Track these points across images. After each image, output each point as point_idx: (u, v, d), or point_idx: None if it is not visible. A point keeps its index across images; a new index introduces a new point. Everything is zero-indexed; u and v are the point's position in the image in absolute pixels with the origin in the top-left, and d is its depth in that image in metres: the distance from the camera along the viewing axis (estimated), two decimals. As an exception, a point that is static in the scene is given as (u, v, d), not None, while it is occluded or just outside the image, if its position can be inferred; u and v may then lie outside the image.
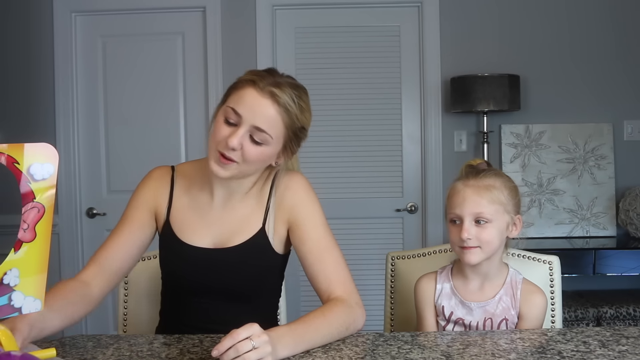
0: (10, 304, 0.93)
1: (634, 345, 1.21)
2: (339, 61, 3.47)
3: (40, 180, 0.92)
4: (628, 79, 3.45)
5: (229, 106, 1.32)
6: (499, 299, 1.42)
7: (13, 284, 0.93)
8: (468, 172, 1.42)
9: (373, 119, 3.47)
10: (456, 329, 1.43)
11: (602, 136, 3.43)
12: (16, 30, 3.49)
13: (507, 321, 1.41)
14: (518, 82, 3.27)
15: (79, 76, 3.51)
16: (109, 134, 3.52)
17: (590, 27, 3.45)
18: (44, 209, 0.93)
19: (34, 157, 0.91)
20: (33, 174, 0.91)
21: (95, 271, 1.39)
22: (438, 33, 3.44)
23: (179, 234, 1.44)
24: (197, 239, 1.43)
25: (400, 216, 3.50)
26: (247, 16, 3.46)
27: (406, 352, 1.19)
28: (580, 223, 3.41)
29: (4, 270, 0.92)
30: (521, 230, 1.43)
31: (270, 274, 1.48)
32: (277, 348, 1.12)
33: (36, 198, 0.92)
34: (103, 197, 3.53)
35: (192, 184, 1.48)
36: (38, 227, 0.93)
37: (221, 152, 1.32)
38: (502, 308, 1.41)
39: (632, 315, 3.02)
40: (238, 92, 1.33)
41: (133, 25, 3.50)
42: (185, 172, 1.50)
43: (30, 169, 0.91)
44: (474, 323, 1.42)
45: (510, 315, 1.41)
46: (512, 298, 1.42)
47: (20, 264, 0.93)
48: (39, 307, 0.96)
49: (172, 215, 1.46)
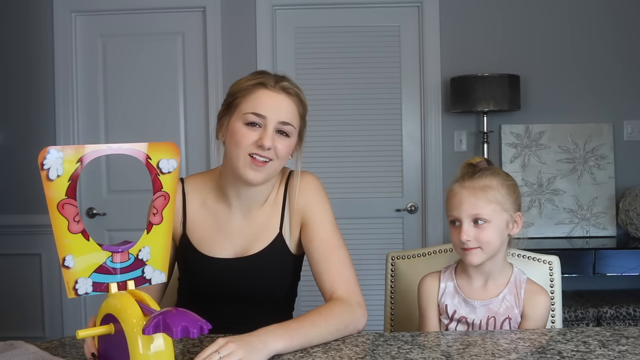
0: (143, 276, 1.09)
1: (634, 345, 1.21)
2: (339, 61, 3.47)
3: (166, 173, 1.08)
4: (628, 79, 3.45)
5: (248, 112, 1.35)
6: (502, 297, 1.42)
7: (146, 259, 1.09)
8: (464, 173, 1.43)
9: (373, 119, 3.47)
10: (459, 328, 1.43)
11: (602, 136, 3.43)
12: (16, 30, 3.49)
13: (510, 320, 1.41)
14: (518, 82, 3.27)
15: (79, 76, 3.51)
16: (109, 134, 3.52)
17: (591, 27, 3.45)
18: (169, 197, 1.08)
19: (161, 153, 1.07)
20: (161, 168, 1.07)
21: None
22: (438, 33, 3.44)
23: (199, 247, 1.45)
24: (218, 251, 1.45)
25: (400, 216, 3.50)
26: (247, 16, 3.46)
27: (406, 352, 1.19)
28: (580, 223, 3.41)
29: (139, 247, 1.08)
30: (522, 229, 1.43)
31: (289, 276, 1.50)
32: (268, 341, 1.13)
33: (163, 188, 1.08)
34: (103, 197, 3.53)
35: (206, 197, 1.48)
36: (164, 212, 1.09)
37: (253, 156, 1.34)
38: (506, 307, 1.41)
39: (632, 315, 3.02)
40: (250, 97, 1.37)
41: (133, 25, 3.50)
42: (195, 184, 1.50)
43: (159, 163, 1.07)
44: (477, 321, 1.42)
45: (513, 314, 1.41)
46: (515, 297, 1.42)
47: (151, 242, 1.09)
48: (163, 278, 1.11)
49: (189, 229, 1.46)
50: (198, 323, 0.93)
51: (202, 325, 0.94)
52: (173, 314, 0.93)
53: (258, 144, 1.34)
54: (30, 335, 3.33)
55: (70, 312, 3.50)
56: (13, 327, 3.47)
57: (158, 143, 1.07)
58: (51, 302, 3.51)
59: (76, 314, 3.50)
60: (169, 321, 0.92)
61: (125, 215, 3.43)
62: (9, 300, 3.51)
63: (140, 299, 1.04)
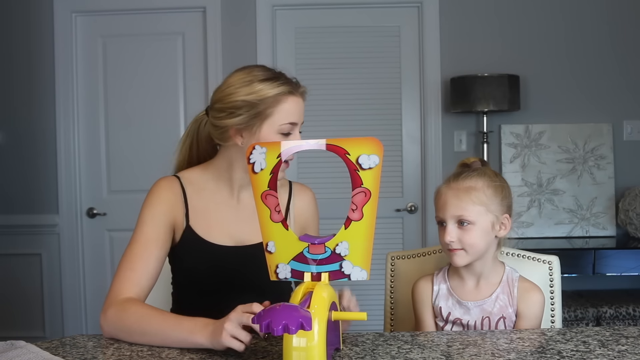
0: (341, 270, 1.11)
1: (633, 345, 1.21)
2: (339, 61, 3.48)
3: (367, 169, 1.08)
4: (627, 79, 3.45)
5: (285, 123, 1.41)
6: (495, 297, 1.42)
7: (343, 254, 1.11)
8: (451, 175, 1.43)
9: (373, 119, 3.47)
10: (454, 330, 1.43)
11: (602, 136, 3.44)
12: (17, 30, 3.49)
13: (505, 319, 1.41)
14: (518, 82, 3.27)
15: (79, 76, 3.51)
16: (109, 134, 3.52)
17: (590, 28, 3.45)
18: (370, 194, 1.09)
19: (362, 149, 1.08)
20: (361, 164, 1.08)
21: (136, 291, 1.37)
22: (438, 33, 3.44)
23: (204, 236, 1.47)
24: (223, 238, 1.48)
25: (400, 216, 3.50)
26: (247, 16, 3.47)
27: (406, 352, 1.19)
28: (579, 223, 3.42)
29: (336, 242, 1.11)
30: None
31: None
32: None
33: (363, 184, 1.08)
34: (103, 197, 3.53)
35: (203, 188, 1.50)
36: (365, 208, 1.09)
37: (285, 160, 1.36)
38: (500, 306, 1.41)
39: (631, 315, 3.03)
40: (282, 107, 1.41)
41: (133, 25, 3.51)
42: (190, 178, 1.51)
43: (358, 159, 1.08)
44: (471, 322, 1.42)
45: (507, 313, 1.41)
46: (509, 296, 1.42)
47: (349, 238, 1.10)
48: (365, 276, 1.12)
49: (192, 220, 1.47)
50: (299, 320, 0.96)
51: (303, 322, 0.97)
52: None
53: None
54: (30, 335, 3.33)
55: (70, 312, 3.50)
56: (13, 327, 3.47)
57: (358, 138, 1.08)
58: (51, 302, 3.51)
59: (76, 314, 3.50)
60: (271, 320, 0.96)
61: (125, 215, 3.42)
62: (9, 300, 3.51)
63: None
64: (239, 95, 1.40)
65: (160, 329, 1.24)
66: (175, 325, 1.24)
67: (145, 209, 1.44)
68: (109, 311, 1.31)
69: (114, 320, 1.30)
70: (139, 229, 1.42)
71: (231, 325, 1.14)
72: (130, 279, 1.36)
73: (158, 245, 1.42)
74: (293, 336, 1.00)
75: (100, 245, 3.53)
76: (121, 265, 1.39)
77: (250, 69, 1.45)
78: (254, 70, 1.44)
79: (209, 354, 1.19)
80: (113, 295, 1.35)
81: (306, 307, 1.02)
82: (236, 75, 1.45)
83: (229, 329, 1.14)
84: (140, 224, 1.43)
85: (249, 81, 1.41)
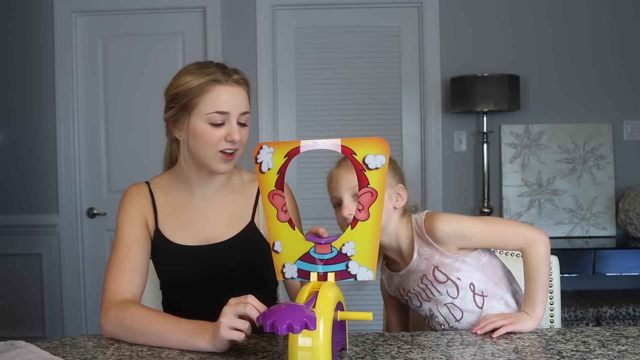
0: (347, 271, 1.11)
1: (633, 345, 1.21)
2: (339, 61, 3.48)
3: (373, 169, 1.08)
4: (627, 79, 3.45)
5: (211, 112, 1.38)
6: (417, 254, 1.42)
7: (350, 254, 1.11)
8: (340, 158, 1.43)
9: (373, 119, 3.47)
10: (416, 302, 1.46)
11: (602, 136, 3.44)
12: (16, 30, 3.49)
13: (438, 267, 1.39)
14: (518, 82, 3.27)
15: (79, 76, 3.51)
16: (109, 134, 3.52)
17: (590, 28, 3.45)
18: (376, 194, 1.08)
19: (368, 149, 1.08)
20: (367, 164, 1.08)
21: (131, 290, 1.39)
22: (438, 33, 3.44)
23: (171, 238, 1.47)
24: (188, 239, 1.48)
25: (400, 216, 3.50)
26: (247, 16, 3.47)
27: (406, 352, 1.19)
28: (579, 223, 3.42)
29: (343, 242, 1.11)
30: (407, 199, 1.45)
31: (265, 264, 1.49)
32: None
33: (370, 184, 1.08)
34: (103, 197, 3.53)
35: (169, 191, 1.52)
36: (371, 208, 1.09)
37: (224, 151, 1.40)
38: (427, 259, 1.40)
39: (631, 315, 3.03)
40: (207, 96, 1.39)
41: (133, 25, 3.51)
42: (159, 183, 1.54)
43: (365, 159, 1.08)
44: (416, 288, 1.44)
45: (438, 260, 1.39)
46: (428, 245, 1.41)
47: (355, 238, 1.10)
48: (371, 276, 1.12)
49: (160, 222, 1.49)
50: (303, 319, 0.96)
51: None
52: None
53: (227, 139, 1.40)
54: (30, 335, 3.33)
55: (70, 312, 3.50)
56: (13, 327, 3.47)
57: (365, 138, 1.08)
58: (51, 302, 3.51)
59: (76, 314, 3.50)
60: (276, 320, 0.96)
61: (125, 215, 3.43)
62: (9, 300, 3.51)
63: None
64: (170, 89, 1.46)
65: (161, 331, 1.25)
66: (175, 327, 1.24)
67: (121, 214, 1.48)
68: (110, 312, 1.32)
69: (114, 321, 1.30)
70: (119, 232, 1.46)
71: (227, 317, 1.15)
72: (122, 278, 1.39)
73: (140, 244, 1.45)
74: (298, 335, 1.00)
75: (100, 245, 3.53)
76: (110, 267, 1.41)
77: (190, 64, 1.48)
78: (190, 65, 1.47)
79: (209, 354, 1.19)
80: (110, 296, 1.36)
81: (312, 307, 1.02)
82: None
83: (225, 321, 1.15)
84: (119, 227, 1.47)
85: (179, 75, 1.45)
